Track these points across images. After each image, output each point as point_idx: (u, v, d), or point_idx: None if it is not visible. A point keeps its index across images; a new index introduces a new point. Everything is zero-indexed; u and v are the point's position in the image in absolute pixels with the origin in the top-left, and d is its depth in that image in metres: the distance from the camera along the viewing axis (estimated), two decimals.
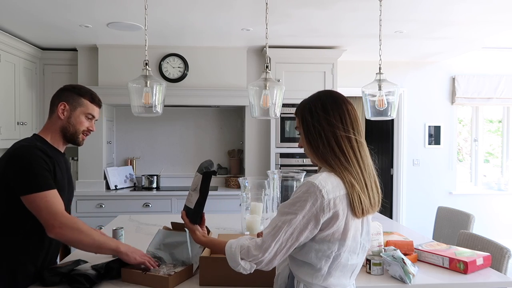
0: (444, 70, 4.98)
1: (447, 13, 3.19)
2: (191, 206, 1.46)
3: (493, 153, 5.45)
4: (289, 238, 1.19)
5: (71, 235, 1.55)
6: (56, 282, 1.59)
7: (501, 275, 1.79)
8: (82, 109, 1.76)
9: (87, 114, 1.78)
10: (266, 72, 2.33)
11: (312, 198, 1.17)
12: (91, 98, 1.79)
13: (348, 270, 1.28)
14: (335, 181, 1.21)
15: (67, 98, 1.75)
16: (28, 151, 1.60)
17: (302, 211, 1.17)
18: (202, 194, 1.45)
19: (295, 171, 2.44)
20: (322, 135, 1.24)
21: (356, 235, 1.25)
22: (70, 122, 1.74)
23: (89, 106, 1.78)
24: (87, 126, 1.80)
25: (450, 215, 3.10)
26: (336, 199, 1.18)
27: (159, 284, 1.59)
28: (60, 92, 1.78)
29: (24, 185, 1.54)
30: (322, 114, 1.26)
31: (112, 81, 4.14)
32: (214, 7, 3.07)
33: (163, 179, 4.56)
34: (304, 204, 1.18)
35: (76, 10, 3.12)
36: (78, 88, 1.80)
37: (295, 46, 4.22)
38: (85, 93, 1.78)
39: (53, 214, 1.53)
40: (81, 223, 1.59)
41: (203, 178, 1.45)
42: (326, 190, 1.17)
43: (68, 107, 1.74)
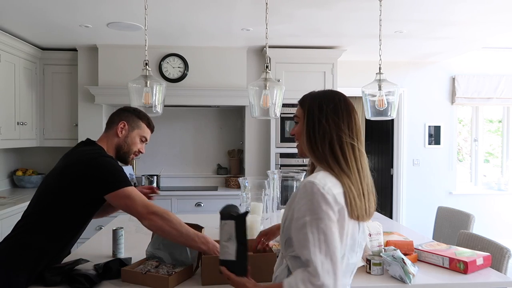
0: (444, 70, 4.98)
1: (447, 13, 3.19)
2: (231, 258, 1.27)
3: (493, 153, 5.45)
4: (335, 246, 1.14)
5: (161, 224, 1.64)
6: (57, 282, 1.59)
7: (501, 275, 1.79)
8: (139, 131, 1.90)
9: (141, 137, 1.91)
10: (266, 72, 2.33)
11: (319, 196, 1.15)
12: (147, 122, 1.93)
13: (349, 270, 1.28)
14: (333, 180, 1.20)
15: (127, 119, 1.88)
16: (104, 159, 1.72)
17: (321, 212, 1.14)
18: (240, 241, 1.27)
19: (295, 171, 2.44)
20: (326, 136, 1.23)
21: (354, 233, 1.23)
22: (126, 142, 1.87)
23: (146, 129, 1.93)
24: (139, 148, 1.92)
25: (450, 215, 3.10)
26: (337, 195, 1.17)
27: (159, 284, 1.59)
28: (121, 112, 1.91)
29: (112, 183, 1.65)
30: (331, 115, 1.25)
31: (112, 81, 4.14)
32: (214, 7, 3.07)
33: (163, 179, 4.56)
34: (318, 204, 1.15)
35: (76, 10, 3.12)
36: (138, 111, 1.94)
37: (295, 46, 4.22)
38: (143, 116, 1.92)
39: (145, 205, 1.66)
40: (172, 215, 1.68)
41: (236, 224, 1.27)
42: (328, 187, 1.17)
43: (127, 127, 1.86)
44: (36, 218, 1.67)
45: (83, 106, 4.20)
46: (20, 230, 1.68)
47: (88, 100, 4.16)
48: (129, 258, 1.84)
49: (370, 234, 1.90)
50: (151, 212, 1.64)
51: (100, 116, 4.22)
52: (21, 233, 1.67)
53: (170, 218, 1.65)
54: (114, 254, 1.97)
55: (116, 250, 1.97)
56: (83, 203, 1.69)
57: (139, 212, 1.65)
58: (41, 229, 1.65)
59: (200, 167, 4.72)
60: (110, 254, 1.98)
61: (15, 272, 1.58)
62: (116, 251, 1.97)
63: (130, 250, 2.00)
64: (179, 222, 1.66)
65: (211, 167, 4.74)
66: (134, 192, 1.68)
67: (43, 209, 1.68)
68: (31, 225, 1.66)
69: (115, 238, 1.98)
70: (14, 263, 1.60)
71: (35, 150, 4.44)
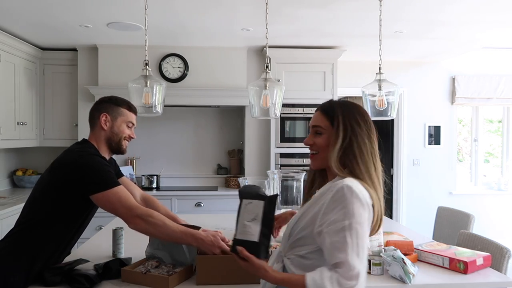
0: (444, 70, 4.98)
1: (447, 13, 3.19)
2: (253, 239, 1.20)
3: (493, 153, 5.45)
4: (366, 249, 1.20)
5: (146, 228, 1.64)
6: (57, 282, 1.59)
7: (501, 275, 1.79)
8: (123, 118, 1.85)
9: (127, 123, 1.87)
10: (266, 72, 2.33)
11: (358, 200, 1.19)
12: (128, 106, 1.88)
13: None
14: (364, 189, 1.23)
15: (107, 110, 1.83)
16: (91, 158, 1.69)
17: (361, 217, 1.18)
18: (266, 224, 1.21)
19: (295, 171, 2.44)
20: (364, 150, 1.27)
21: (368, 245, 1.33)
22: (114, 132, 1.83)
23: (128, 114, 1.88)
24: (129, 134, 1.88)
25: (450, 215, 3.10)
26: (370, 204, 1.22)
27: (159, 284, 1.58)
28: (98, 104, 1.87)
29: (96, 184, 1.63)
30: (367, 129, 1.30)
31: (112, 81, 4.14)
32: (215, 7, 3.07)
33: (163, 179, 4.56)
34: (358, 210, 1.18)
35: (76, 10, 3.12)
36: (114, 98, 1.88)
37: (295, 46, 4.22)
38: (122, 102, 1.87)
39: (128, 207, 1.63)
40: (157, 216, 1.65)
41: (266, 205, 1.21)
42: (363, 194, 1.21)
43: (109, 118, 1.82)
44: (31, 218, 1.67)
45: (83, 106, 4.20)
46: (16, 230, 1.68)
47: (88, 100, 4.15)
48: (129, 258, 1.84)
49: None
50: (135, 215, 1.63)
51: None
52: (17, 233, 1.67)
53: (154, 221, 1.63)
54: (114, 254, 1.97)
55: (116, 250, 1.97)
56: (73, 203, 1.68)
57: (122, 215, 1.65)
58: (36, 229, 1.65)
59: (200, 167, 4.72)
60: (110, 254, 1.98)
61: (11, 273, 1.58)
62: (116, 251, 1.97)
63: (130, 250, 2.00)
64: (164, 223, 1.64)
65: (211, 167, 4.74)
66: (119, 194, 1.64)
67: (37, 210, 1.68)
68: (26, 225, 1.66)
69: (115, 238, 1.98)
70: (10, 264, 1.59)
71: (35, 150, 4.44)
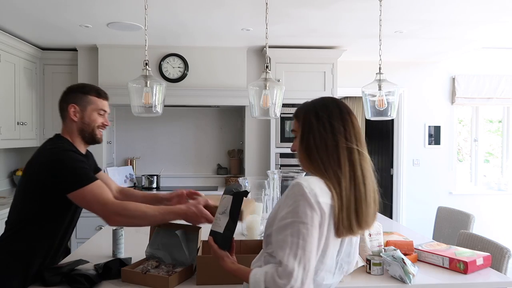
0: (444, 70, 4.98)
1: (447, 13, 3.19)
2: (219, 230, 1.33)
3: (493, 153, 5.45)
4: (312, 253, 1.10)
5: (125, 221, 1.61)
6: (57, 282, 1.59)
7: (501, 275, 1.80)
8: (93, 106, 1.76)
9: (98, 111, 1.78)
10: (266, 72, 2.33)
11: (305, 199, 1.11)
12: (97, 93, 1.79)
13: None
14: (324, 187, 1.15)
15: (74, 100, 1.74)
16: (64, 154, 1.62)
17: (305, 216, 1.10)
18: (232, 217, 1.31)
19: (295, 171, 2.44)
20: (324, 143, 1.19)
21: (333, 254, 1.18)
22: (85, 122, 1.74)
23: (98, 101, 1.79)
24: (102, 122, 1.81)
25: (450, 215, 3.10)
26: (324, 204, 1.12)
27: (159, 284, 1.59)
28: (65, 95, 1.77)
29: (70, 182, 1.57)
30: (327, 121, 1.21)
31: (112, 81, 4.14)
32: (214, 7, 3.07)
33: (163, 179, 4.56)
34: (303, 208, 1.11)
35: (76, 10, 3.12)
36: (81, 86, 1.79)
37: (295, 46, 4.22)
38: (89, 90, 1.78)
39: (102, 204, 1.57)
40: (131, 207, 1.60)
41: (233, 200, 1.32)
42: (315, 193, 1.12)
43: (78, 108, 1.74)
44: (18, 221, 1.64)
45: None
46: (6, 235, 1.65)
47: None
48: (129, 258, 1.84)
49: (370, 234, 1.90)
50: (111, 212, 1.58)
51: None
52: (8, 237, 1.64)
53: (131, 213, 1.58)
54: (114, 254, 1.97)
55: (116, 250, 1.97)
56: (56, 201, 1.62)
57: (100, 213, 1.59)
58: (26, 231, 1.62)
59: (200, 167, 4.72)
60: (110, 254, 1.98)
61: (8, 277, 1.57)
62: (116, 251, 1.97)
63: (130, 250, 2.00)
64: (142, 211, 1.59)
65: (211, 167, 4.74)
66: (94, 191, 1.57)
67: (23, 212, 1.64)
68: (16, 229, 1.63)
69: (115, 238, 1.98)
70: (5, 268, 1.58)
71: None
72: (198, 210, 1.58)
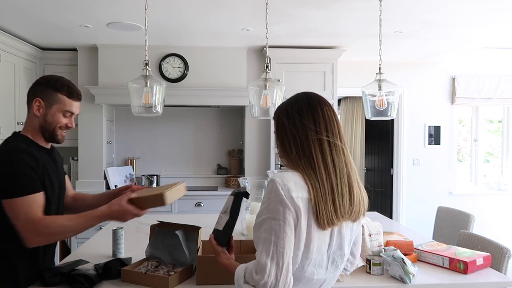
0: (444, 70, 4.98)
1: (447, 13, 3.19)
2: (220, 228, 1.39)
3: (493, 153, 5.45)
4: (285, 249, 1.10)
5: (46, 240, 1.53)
6: (56, 282, 1.59)
7: (501, 275, 1.80)
8: (59, 106, 1.60)
9: (64, 112, 1.61)
10: (266, 72, 2.33)
11: (277, 195, 1.12)
12: (68, 93, 1.61)
13: (314, 285, 1.22)
14: (299, 181, 1.15)
15: (42, 94, 1.59)
16: (12, 155, 1.50)
17: (277, 213, 1.11)
18: (231, 215, 1.37)
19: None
20: (296, 138, 1.20)
21: (321, 247, 1.17)
22: (47, 120, 1.60)
23: (67, 102, 1.61)
24: (65, 123, 1.64)
25: (450, 215, 3.10)
26: (298, 199, 1.12)
27: (159, 284, 1.59)
28: (34, 86, 1.63)
29: (4, 189, 1.46)
30: (297, 117, 1.22)
31: (112, 81, 4.14)
32: (214, 7, 3.07)
33: (163, 179, 4.56)
34: (275, 204, 1.12)
35: (76, 10, 3.12)
36: (53, 81, 1.61)
37: (295, 46, 4.22)
38: (61, 86, 1.60)
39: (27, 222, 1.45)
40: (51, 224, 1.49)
41: (234, 199, 1.39)
42: (288, 188, 1.12)
43: (43, 104, 1.59)
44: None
45: (83, 106, 4.14)
46: None
47: (88, 100, 4.15)
48: (129, 258, 1.84)
49: (370, 234, 1.90)
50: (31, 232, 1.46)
51: (100, 116, 4.22)
52: None
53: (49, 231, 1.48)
54: (114, 254, 1.97)
55: (116, 250, 1.97)
56: None
57: (20, 231, 1.46)
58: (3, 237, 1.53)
59: (200, 167, 4.72)
60: (110, 254, 1.98)
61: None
62: (116, 251, 1.97)
63: (130, 250, 2.00)
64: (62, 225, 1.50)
65: (211, 167, 4.74)
66: (24, 204, 1.45)
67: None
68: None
69: (115, 238, 1.98)
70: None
71: None
72: (120, 207, 1.52)
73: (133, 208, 1.53)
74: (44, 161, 1.59)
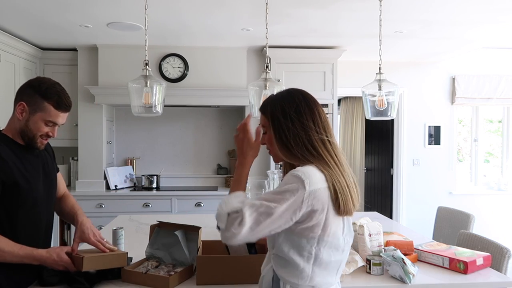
0: (444, 70, 4.98)
1: (447, 13, 3.19)
2: None
3: (493, 153, 5.45)
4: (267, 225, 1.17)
5: None
6: (54, 283, 1.58)
7: (501, 275, 1.80)
8: (42, 114, 1.53)
9: (47, 122, 1.54)
10: (266, 72, 2.34)
11: (294, 189, 1.16)
12: (56, 102, 1.53)
13: (333, 267, 1.27)
14: (318, 173, 1.20)
15: (28, 98, 1.53)
16: None
17: (285, 202, 1.16)
18: None
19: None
20: (297, 137, 1.24)
21: (337, 231, 1.24)
22: (28, 126, 1.54)
23: (52, 112, 1.53)
24: (47, 132, 1.57)
25: (450, 215, 3.10)
26: (317, 191, 1.17)
27: (159, 284, 1.59)
28: (23, 88, 1.58)
29: None
30: (295, 116, 1.26)
31: (112, 81, 4.14)
32: (214, 7, 3.07)
33: (163, 179, 4.56)
34: (288, 195, 1.16)
35: (76, 10, 3.12)
36: (44, 87, 1.53)
37: (295, 46, 4.22)
38: (50, 95, 1.53)
39: None
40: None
41: None
42: (309, 182, 1.17)
43: (27, 109, 1.53)
44: None
45: (83, 106, 4.20)
46: None
47: (88, 100, 4.16)
48: (129, 258, 1.84)
49: (370, 234, 1.90)
50: None
51: (100, 116, 4.22)
52: None
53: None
54: None
55: None
56: None
57: None
58: None
59: (200, 167, 4.72)
60: None
61: None
62: None
63: (130, 250, 2.00)
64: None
65: (211, 167, 4.74)
66: None
67: None
68: None
69: (115, 238, 1.98)
70: None
71: None
72: (58, 258, 1.52)
73: (68, 261, 1.53)
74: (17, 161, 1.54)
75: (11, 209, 1.53)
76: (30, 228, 1.60)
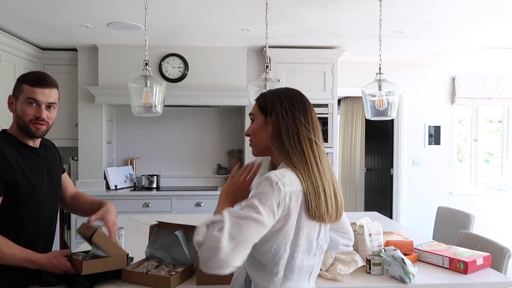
0: (444, 70, 4.98)
1: (447, 13, 3.19)
2: None
3: (493, 153, 5.45)
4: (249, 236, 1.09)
5: None
6: (54, 283, 1.58)
7: (501, 275, 1.80)
8: (22, 96, 1.56)
9: (26, 100, 1.56)
10: (266, 72, 2.34)
11: (270, 192, 1.14)
12: (30, 80, 1.57)
13: (305, 272, 1.26)
14: (292, 176, 1.19)
15: (13, 90, 1.61)
16: None
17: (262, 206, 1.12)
18: None
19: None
20: (288, 129, 1.24)
21: (310, 235, 1.21)
22: (18, 114, 1.59)
23: (28, 90, 1.55)
24: (33, 113, 1.57)
25: (450, 215, 3.10)
26: (292, 194, 1.16)
27: (160, 284, 1.59)
28: None
29: None
30: (289, 108, 1.27)
31: (112, 81, 4.14)
32: (215, 7, 3.07)
33: (163, 179, 4.56)
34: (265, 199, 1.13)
35: (76, 10, 3.12)
36: (23, 75, 1.62)
37: (295, 46, 4.22)
38: (24, 78, 1.60)
39: None
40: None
41: None
42: (283, 183, 1.15)
43: (13, 98, 1.61)
44: None
45: (83, 106, 4.20)
46: None
47: (88, 100, 4.16)
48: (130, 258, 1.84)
49: (370, 234, 1.90)
50: None
51: (100, 116, 4.22)
52: None
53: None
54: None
55: None
56: None
57: None
58: None
59: (200, 167, 4.72)
60: None
61: None
62: None
63: (130, 250, 2.00)
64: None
65: (211, 167, 4.74)
66: None
67: None
68: None
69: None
70: None
71: None
72: (58, 262, 1.54)
73: (68, 265, 1.55)
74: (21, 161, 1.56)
75: (14, 209, 1.54)
76: (32, 228, 1.60)
